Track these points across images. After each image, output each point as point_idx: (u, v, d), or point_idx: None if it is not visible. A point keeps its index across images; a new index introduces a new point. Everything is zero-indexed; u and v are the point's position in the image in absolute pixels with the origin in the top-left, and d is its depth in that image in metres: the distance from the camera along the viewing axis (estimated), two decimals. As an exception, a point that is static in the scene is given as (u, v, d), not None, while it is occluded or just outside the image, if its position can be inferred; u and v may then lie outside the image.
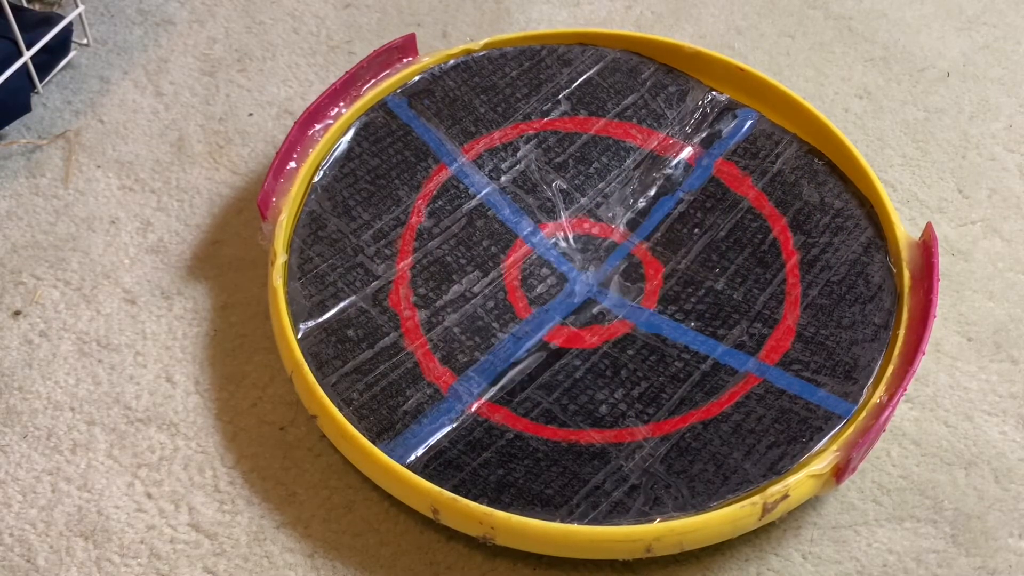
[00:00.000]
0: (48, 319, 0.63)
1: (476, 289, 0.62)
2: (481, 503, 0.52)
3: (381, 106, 0.70)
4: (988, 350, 0.62)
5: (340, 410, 0.55)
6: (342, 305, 0.61)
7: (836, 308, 0.60)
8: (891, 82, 0.78)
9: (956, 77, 0.79)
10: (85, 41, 0.78)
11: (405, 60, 0.72)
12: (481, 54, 0.73)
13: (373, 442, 0.54)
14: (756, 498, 0.52)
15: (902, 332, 0.58)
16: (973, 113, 0.76)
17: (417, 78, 0.72)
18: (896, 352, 0.57)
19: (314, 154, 0.66)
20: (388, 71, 0.72)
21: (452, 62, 0.73)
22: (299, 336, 0.59)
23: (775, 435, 0.55)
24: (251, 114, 0.75)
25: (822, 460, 0.53)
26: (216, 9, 0.82)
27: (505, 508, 0.52)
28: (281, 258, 0.61)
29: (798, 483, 0.52)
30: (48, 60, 0.74)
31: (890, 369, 0.56)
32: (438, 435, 0.55)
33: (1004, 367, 0.62)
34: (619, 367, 0.58)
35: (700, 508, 0.52)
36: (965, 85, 0.78)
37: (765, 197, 0.65)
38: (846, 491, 0.56)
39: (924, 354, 0.55)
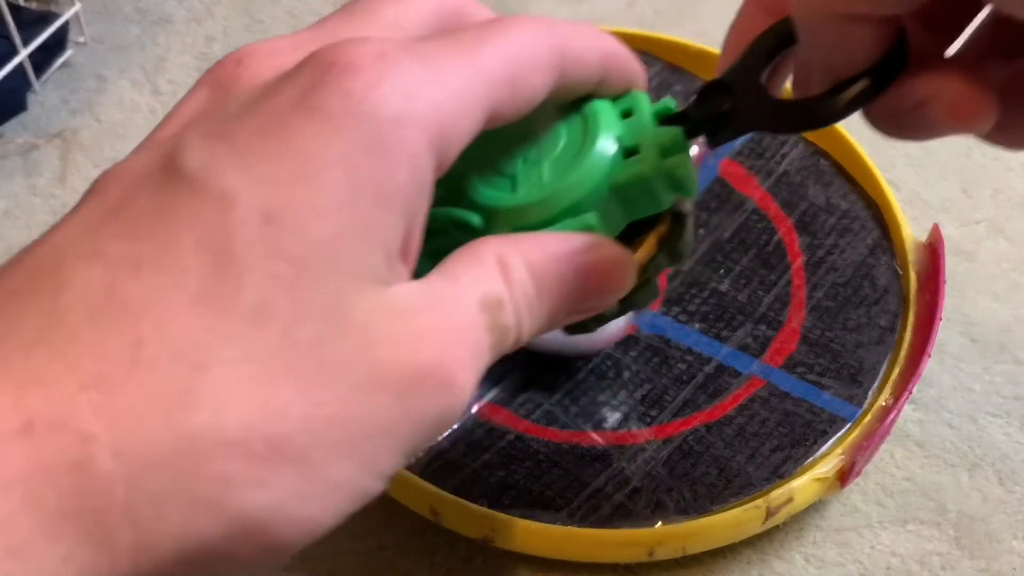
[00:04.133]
0: (45, 320, 0.62)
1: (477, 290, 0.61)
2: (482, 505, 0.51)
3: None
4: (992, 351, 0.62)
5: (340, 412, 0.55)
6: (342, 306, 0.60)
7: (841, 310, 0.59)
8: (894, 81, 0.78)
9: (959, 76, 0.78)
10: (82, 39, 0.78)
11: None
12: (482, 52, 0.73)
13: (373, 444, 0.54)
14: (759, 502, 0.51)
15: (908, 335, 0.58)
16: (976, 112, 0.76)
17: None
18: (902, 355, 0.57)
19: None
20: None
21: (453, 61, 0.72)
22: (299, 337, 0.58)
23: (779, 438, 0.54)
24: (250, 113, 0.74)
25: (827, 463, 0.52)
26: (214, 8, 0.81)
27: (506, 510, 0.51)
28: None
29: (802, 487, 0.52)
30: (44, 58, 0.74)
31: (895, 372, 0.56)
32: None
33: (1009, 368, 0.61)
34: (621, 369, 0.57)
35: (703, 511, 0.52)
36: (968, 84, 0.78)
37: (771, 198, 0.65)
38: (849, 493, 0.56)
39: (930, 357, 0.55)
